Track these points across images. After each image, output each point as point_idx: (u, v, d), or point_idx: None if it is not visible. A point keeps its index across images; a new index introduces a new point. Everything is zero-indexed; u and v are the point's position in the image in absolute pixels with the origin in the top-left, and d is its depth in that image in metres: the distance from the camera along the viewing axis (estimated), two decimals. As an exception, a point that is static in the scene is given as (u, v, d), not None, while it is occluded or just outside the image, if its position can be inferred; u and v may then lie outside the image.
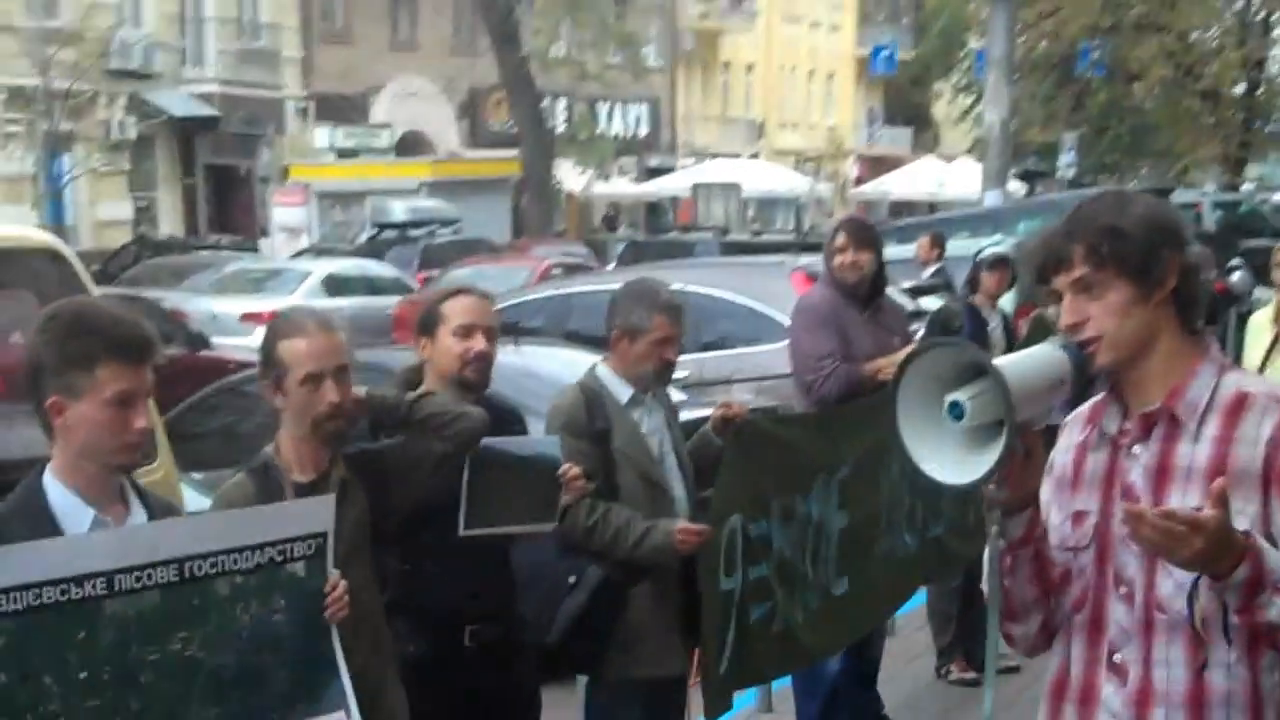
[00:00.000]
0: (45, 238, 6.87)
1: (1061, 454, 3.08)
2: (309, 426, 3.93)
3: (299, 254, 28.93)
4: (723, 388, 9.31)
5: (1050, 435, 3.07)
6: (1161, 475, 2.89)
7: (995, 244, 8.50)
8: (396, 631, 4.17)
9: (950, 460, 2.81)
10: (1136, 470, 2.92)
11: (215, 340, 15.48)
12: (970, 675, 7.61)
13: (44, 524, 3.24)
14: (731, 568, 5.09)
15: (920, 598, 7.34)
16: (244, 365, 10.42)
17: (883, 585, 6.16)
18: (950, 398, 2.78)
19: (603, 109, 49.23)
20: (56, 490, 3.29)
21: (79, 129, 33.56)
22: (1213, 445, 2.85)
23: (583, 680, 5.16)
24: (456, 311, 4.52)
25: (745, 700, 5.44)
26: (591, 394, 4.99)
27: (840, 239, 6.58)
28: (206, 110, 37.71)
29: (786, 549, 5.42)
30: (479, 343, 4.49)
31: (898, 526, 6.18)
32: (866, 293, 6.61)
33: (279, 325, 4.03)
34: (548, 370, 7.47)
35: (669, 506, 5.00)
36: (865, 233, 6.71)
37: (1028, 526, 2.96)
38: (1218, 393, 2.89)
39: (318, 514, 3.46)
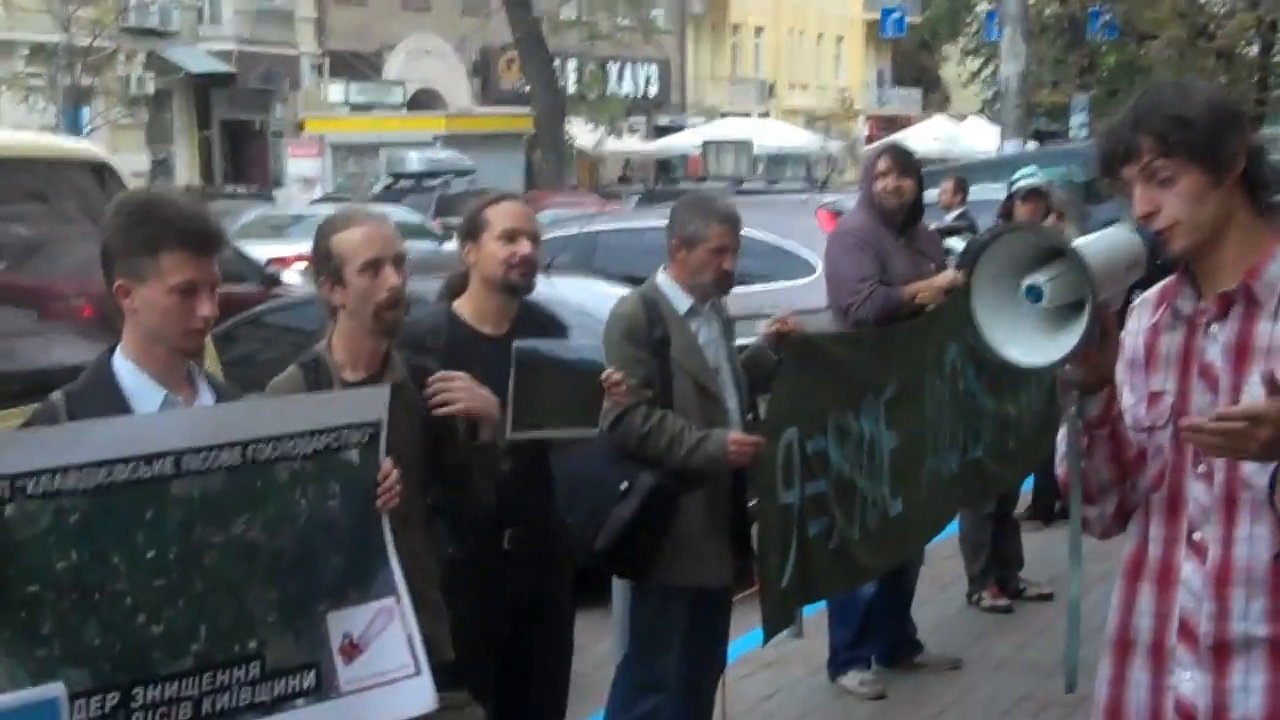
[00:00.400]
0: (97, 151, 6.73)
1: (1132, 336, 3.04)
2: (370, 315, 3.90)
3: (318, 201, 28.88)
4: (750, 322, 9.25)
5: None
6: (1241, 353, 2.85)
7: (1030, 174, 8.40)
8: (436, 534, 4.12)
9: (1028, 343, 2.79)
10: (1215, 349, 2.88)
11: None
12: (1003, 602, 7.59)
13: (115, 402, 3.24)
14: (790, 481, 5.08)
15: (952, 526, 7.31)
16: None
17: (929, 507, 6.14)
18: (1028, 281, 2.76)
19: (613, 69, 49.06)
20: (127, 370, 3.30)
21: (99, 83, 33.73)
22: None
23: (616, 605, 5.13)
24: (501, 216, 4.48)
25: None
26: (650, 303, 4.96)
27: (883, 164, 6.53)
28: (223, 67, 37.80)
29: (845, 467, 5.41)
30: (524, 247, 4.45)
31: (942, 448, 6.17)
32: (904, 219, 6.57)
33: (331, 222, 4.01)
34: (578, 300, 7.52)
35: (723, 417, 4.97)
36: (908, 159, 6.67)
37: (1104, 406, 2.92)
38: None
39: (372, 403, 3.44)
